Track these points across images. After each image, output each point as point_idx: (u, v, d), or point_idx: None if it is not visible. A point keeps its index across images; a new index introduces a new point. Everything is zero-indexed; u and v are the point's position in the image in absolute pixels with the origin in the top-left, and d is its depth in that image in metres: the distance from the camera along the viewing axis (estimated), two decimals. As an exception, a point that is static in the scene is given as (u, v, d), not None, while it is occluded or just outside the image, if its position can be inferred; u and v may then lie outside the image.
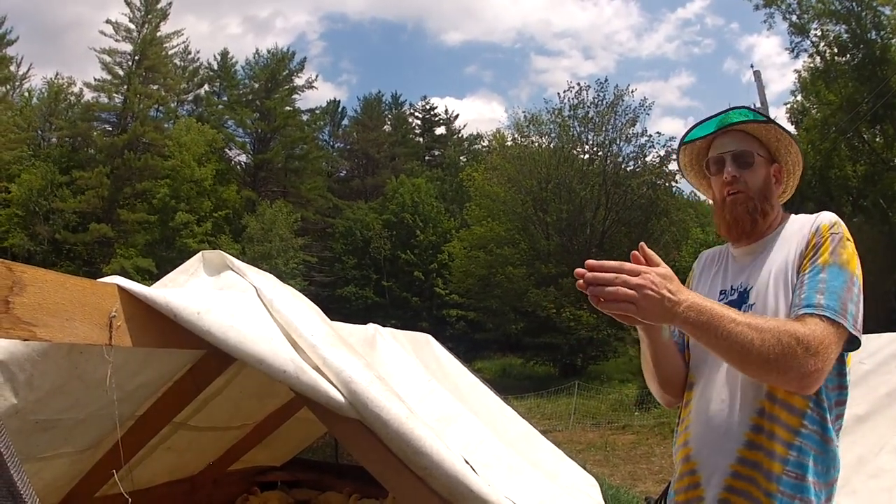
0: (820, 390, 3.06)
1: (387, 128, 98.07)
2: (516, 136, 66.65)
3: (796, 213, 3.61)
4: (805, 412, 3.06)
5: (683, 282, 3.63)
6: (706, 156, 3.70)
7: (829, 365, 2.94)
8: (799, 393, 3.03)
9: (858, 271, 3.17)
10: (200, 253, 4.08)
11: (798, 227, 3.39)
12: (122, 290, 3.06)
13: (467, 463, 3.62)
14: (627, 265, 2.98)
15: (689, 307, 2.89)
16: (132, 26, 76.23)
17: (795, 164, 3.68)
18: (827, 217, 3.31)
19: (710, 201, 3.85)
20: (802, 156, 3.72)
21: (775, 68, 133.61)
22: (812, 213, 3.46)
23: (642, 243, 3.17)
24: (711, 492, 3.15)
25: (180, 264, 4.19)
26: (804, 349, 2.87)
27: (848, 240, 3.23)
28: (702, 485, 3.19)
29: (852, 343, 3.06)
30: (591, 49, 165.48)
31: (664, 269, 3.00)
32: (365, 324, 5.77)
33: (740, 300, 3.38)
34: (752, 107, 3.70)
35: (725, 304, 3.28)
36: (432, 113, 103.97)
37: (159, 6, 77.27)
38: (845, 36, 44.22)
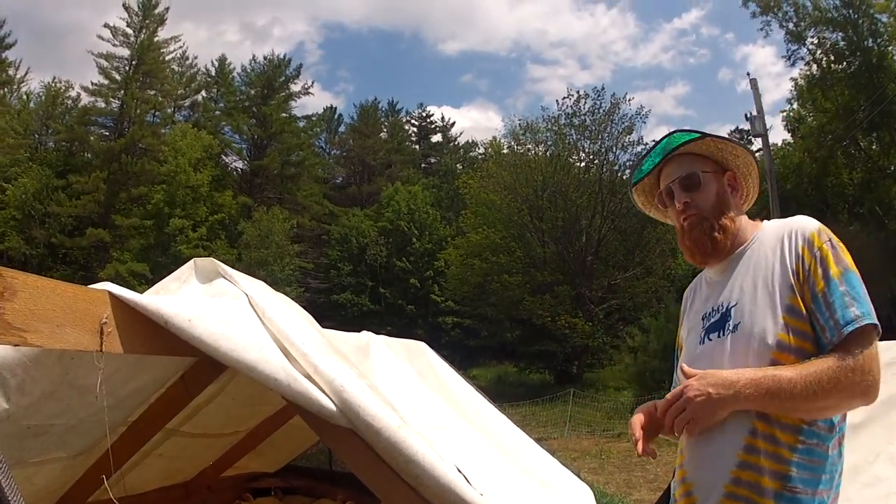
0: None
1: (383, 135, 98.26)
2: (512, 143, 66.76)
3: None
4: (801, 427, 3.05)
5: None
6: (658, 189, 3.75)
7: (879, 369, 3.03)
8: (865, 405, 3.10)
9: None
10: (192, 260, 4.08)
11: (773, 236, 3.37)
12: (113, 296, 3.05)
13: (460, 472, 3.61)
14: (670, 396, 3.18)
15: (746, 385, 3.00)
16: (130, 31, 76.47)
17: (746, 165, 3.68)
18: (810, 224, 3.29)
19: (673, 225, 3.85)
20: (752, 153, 3.71)
21: (770, 78, 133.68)
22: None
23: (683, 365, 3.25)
24: None
25: (175, 269, 4.19)
26: (860, 374, 2.96)
27: (837, 240, 3.24)
28: None
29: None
30: (587, 58, 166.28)
31: (699, 373, 3.12)
32: (360, 331, 5.76)
33: (723, 319, 3.36)
34: (684, 128, 3.73)
35: (709, 325, 3.42)
36: (428, 120, 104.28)
37: (157, 11, 77.41)
38: (842, 43, 44.38)
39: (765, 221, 3.58)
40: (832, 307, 3.06)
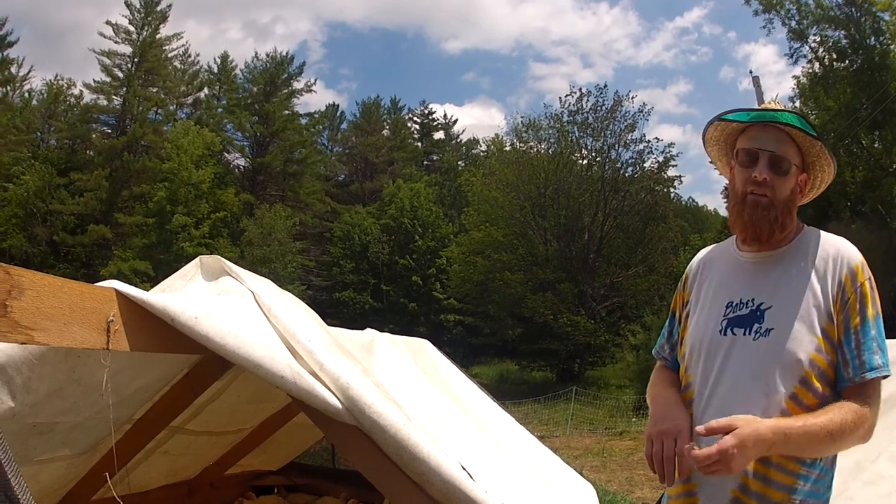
0: None
1: (385, 132, 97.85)
2: (515, 141, 66.65)
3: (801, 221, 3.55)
4: None
5: (677, 284, 3.63)
6: (737, 138, 3.54)
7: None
8: None
9: None
10: (198, 258, 4.08)
11: (818, 252, 3.33)
12: (119, 294, 3.06)
13: (464, 469, 3.62)
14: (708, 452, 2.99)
15: (776, 437, 2.96)
16: (132, 28, 76.18)
17: (824, 182, 3.60)
18: (856, 256, 3.28)
19: (725, 178, 3.79)
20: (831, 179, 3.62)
21: (772, 76, 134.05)
22: (811, 218, 3.43)
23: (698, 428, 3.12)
24: None
25: (178, 267, 4.19)
26: (870, 424, 3.14)
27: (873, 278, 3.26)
28: None
29: None
30: (590, 56, 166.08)
31: (734, 426, 2.98)
32: (363, 329, 5.76)
33: (753, 318, 3.28)
34: (804, 115, 3.58)
35: (733, 317, 3.34)
36: (431, 118, 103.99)
37: (159, 9, 77.20)
38: (844, 42, 44.25)
39: (807, 227, 3.53)
40: (861, 347, 3.11)
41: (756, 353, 3.20)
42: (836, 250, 3.29)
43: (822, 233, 3.43)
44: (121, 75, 75.41)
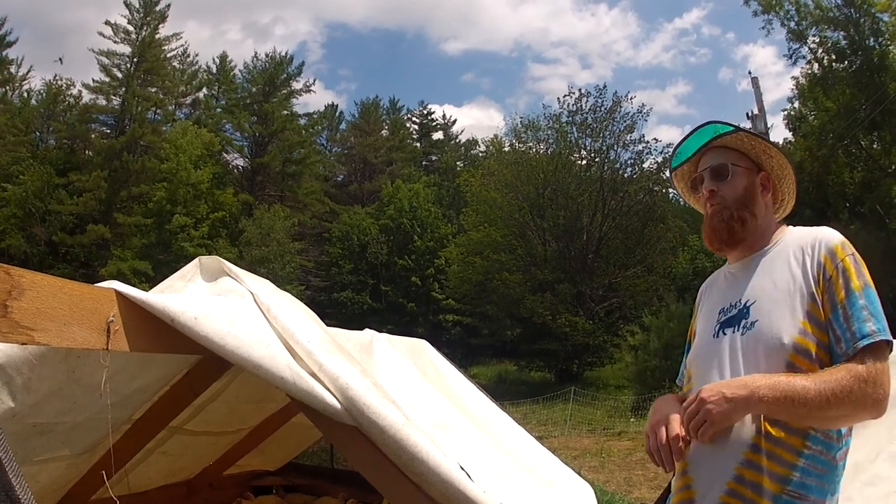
0: None
1: (384, 132, 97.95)
2: (514, 141, 66.70)
3: (793, 222, 3.64)
4: (808, 433, 3.06)
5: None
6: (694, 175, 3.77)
7: (889, 384, 3.06)
8: (874, 419, 3.13)
9: None
10: (198, 258, 4.08)
11: (797, 243, 3.39)
12: (119, 295, 3.07)
13: (463, 469, 3.62)
14: (686, 402, 3.21)
15: (761, 387, 3.00)
16: (131, 28, 76.29)
17: (781, 167, 3.69)
18: (835, 237, 3.32)
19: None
20: (790, 159, 3.71)
21: (771, 77, 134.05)
22: (809, 219, 3.44)
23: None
24: None
25: (177, 268, 4.20)
26: (871, 386, 3.01)
27: (859, 255, 3.29)
28: (696, 501, 3.18)
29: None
30: (589, 58, 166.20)
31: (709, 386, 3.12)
32: (361, 329, 5.77)
33: (741, 315, 3.36)
34: (722, 120, 3.69)
35: (725, 319, 3.43)
36: (430, 118, 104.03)
37: (158, 9, 77.26)
38: (843, 42, 44.27)
39: (790, 227, 3.60)
40: (850, 319, 3.10)
41: (744, 346, 3.26)
42: (814, 237, 3.36)
43: (803, 227, 3.53)
44: (120, 75, 75.59)
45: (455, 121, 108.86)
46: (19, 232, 66.75)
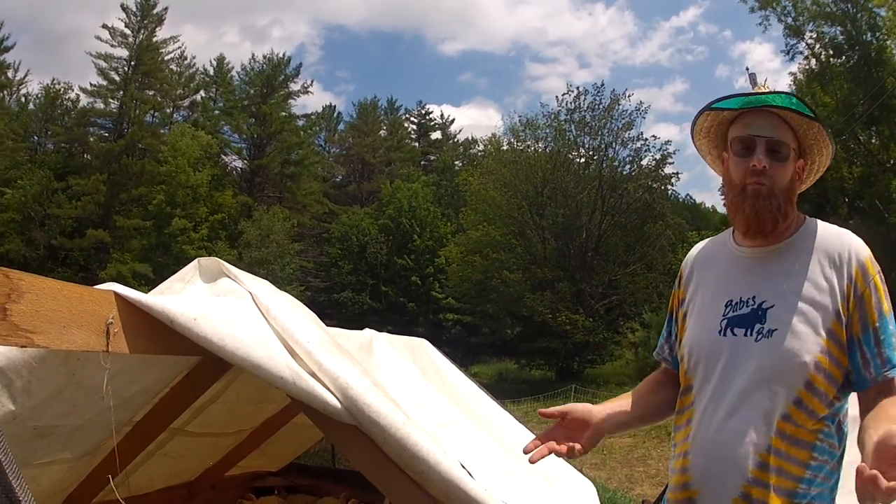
0: (835, 420, 3.05)
1: (382, 133, 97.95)
2: (512, 140, 66.75)
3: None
4: (814, 444, 2.98)
5: (675, 282, 3.59)
6: (728, 127, 3.34)
7: None
8: None
9: None
10: (196, 260, 4.08)
11: (822, 246, 3.15)
12: (118, 296, 3.06)
13: (464, 468, 3.62)
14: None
15: None
16: (128, 32, 76.45)
17: (822, 166, 3.44)
18: (864, 249, 3.14)
19: (714, 171, 3.59)
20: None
21: (767, 73, 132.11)
22: (807, 215, 3.31)
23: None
24: None
25: (177, 270, 4.19)
26: None
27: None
28: None
29: None
30: (586, 56, 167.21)
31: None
32: (361, 329, 5.77)
33: (755, 317, 3.12)
34: (799, 96, 3.32)
35: (733, 316, 3.19)
36: (428, 118, 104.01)
37: (155, 12, 77.33)
38: (841, 38, 44.36)
39: (808, 218, 3.32)
40: (882, 344, 3.00)
41: (758, 356, 3.05)
42: (843, 244, 3.13)
43: (825, 224, 3.28)
44: (117, 78, 75.71)
45: (453, 120, 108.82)
46: (18, 236, 66.92)
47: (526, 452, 3.16)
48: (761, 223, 3.14)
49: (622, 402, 3.52)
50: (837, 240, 3.15)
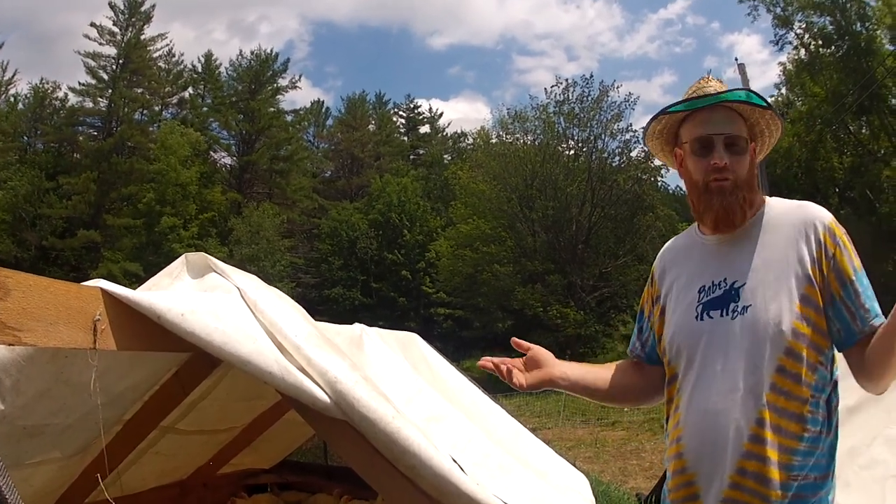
0: (824, 390, 3.07)
1: (371, 127, 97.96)
2: (501, 133, 66.79)
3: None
4: (805, 416, 2.99)
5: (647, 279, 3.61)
6: (679, 126, 3.44)
7: None
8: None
9: None
10: (184, 255, 4.07)
11: (784, 219, 3.21)
12: (105, 293, 3.05)
13: (455, 462, 3.61)
14: None
15: None
16: (116, 30, 76.40)
17: (771, 144, 3.54)
18: (826, 213, 3.19)
19: (668, 166, 3.72)
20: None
21: (756, 65, 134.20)
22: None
23: None
24: (711, 502, 3.07)
25: (167, 268, 4.19)
26: None
27: None
28: (700, 496, 3.11)
29: None
30: (574, 49, 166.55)
31: None
32: (352, 324, 5.76)
33: (728, 297, 3.18)
34: (749, 89, 3.43)
35: (707, 300, 3.25)
36: (416, 112, 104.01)
37: (143, 9, 77.31)
38: (830, 27, 44.49)
39: (767, 197, 3.39)
40: (861, 296, 3.05)
41: (737, 332, 3.11)
42: (805, 213, 3.21)
43: (784, 200, 3.37)
44: (106, 77, 75.69)
45: (442, 114, 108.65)
46: (9, 237, 66.97)
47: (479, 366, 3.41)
48: (731, 217, 3.21)
49: (585, 369, 3.78)
50: (799, 210, 3.24)
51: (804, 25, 46.07)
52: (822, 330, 3.08)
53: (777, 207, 3.31)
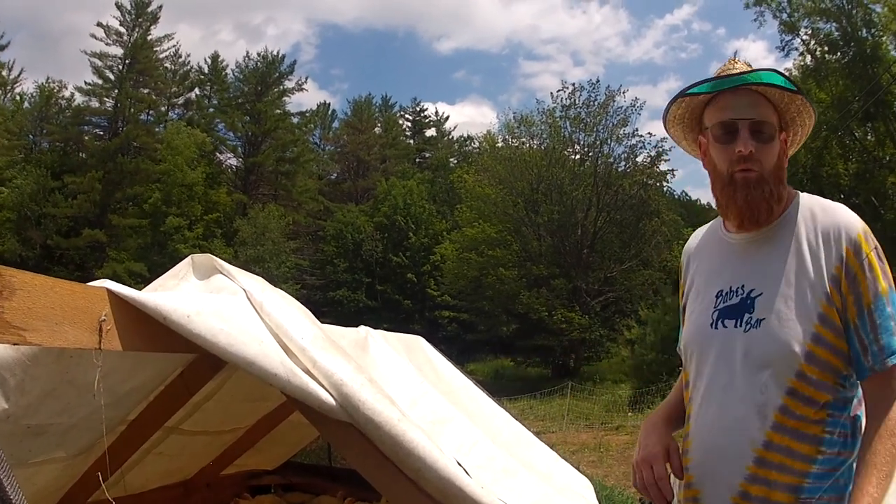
0: (845, 408, 2.92)
1: (377, 130, 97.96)
2: (507, 137, 66.75)
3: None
4: (822, 437, 2.85)
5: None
6: (702, 110, 3.19)
7: None
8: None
9: None
10: (190, 257, 4.06)
11: (812, 223, 2.99)
12: (111, 293, 3.04)
13: (460, 465, 3.60)
14: None
15: None
16: (123, 30, 76.44)
17: (804, 135, 3.29)
18: (856, 223, 2.96)
19: (692, 156, 3.39)
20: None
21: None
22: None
23: None
24: None
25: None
26: None
27: (880, 248, 2.98)
28: None
29: None
30: (580, 54, 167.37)
31: None
32: (357, 327, 5.75)
33: (743, 307, 3.02)
34: (781, 71, 3.12)
35: (724, 307, 3.08)
36: (422, 115, 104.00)
37: (150, 10, 77.35)
38: (836, 34, 44.39)
39: (799, 193, 3.16)
40: (878, 329, 2.83)
41: (747, 347, 2.95)
42: (832, 220, 2.97)
43: (817, 200, 3.11)
44: (112, 77, 75.70)
45: (448, 117, 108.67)
46: (14, 236, 66.97)
47: None
48: (755, 213, 3.01)
49: (668, 411, 3.47)
50: (827, 216, 3.00)
51: (810, 32, 46.04)
52: (842, 353, 2.90)
53: (808, 207, 3.08)
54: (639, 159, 61.39)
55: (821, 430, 2.85)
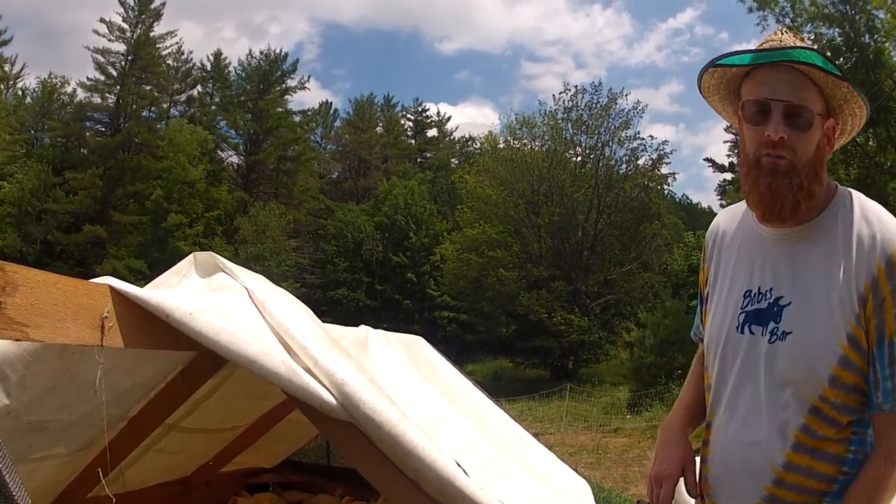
0: (870, 426, 2.76)
1: (379, 129, 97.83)
2: (509, 138, 66.74)
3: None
4: (845, 458, 2.72)
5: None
6: (741, 81, 2.90)
7: None
8: None
9: None
10: (192, 254, 4.06)
11: (850, 228, 2.73)
12: (114, 290, 3.05)
13: (459, 466, 3.61)
14: None
15: None
16: (126, 26, 76.34)
17: (855, 128, 2.98)
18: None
19: (731, 125, 3.28)
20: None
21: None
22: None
23: None
24: None
25: (173, 266, 4.18)
26: None
27: None
28: None
29: None
30: (582, 56, 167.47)
31: None
32: (357, 326, 5.75)
33: (770, 314, 2.82)
34: (824, 53, 2.91)
35: (751, 311, 2.88)
36: (424, 115, 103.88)
37: (153, 6, 77.27)
38: (839, 39, 44.29)
39: (842, 189, 2.92)
40: (894, 366, 2.63)
41: (771, 361, 2.78)
42: (873, 229, 2.68)
43: (862, 200, 2.85)
44: (114, 73, 75.65)
45: (449, 118, 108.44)
46: (15, 231, 66.87)
47: None
48: (778, 205, 2.74)
49: (683, 407, 3.36)
50: (870, 224, 2.72)
51: (813, 37, 45.96)
52: (868, 380, 2.70)
53: (852, 209, 2.80)
54: (640, 162, 61.61)
55: (844, 450, 2.74)
